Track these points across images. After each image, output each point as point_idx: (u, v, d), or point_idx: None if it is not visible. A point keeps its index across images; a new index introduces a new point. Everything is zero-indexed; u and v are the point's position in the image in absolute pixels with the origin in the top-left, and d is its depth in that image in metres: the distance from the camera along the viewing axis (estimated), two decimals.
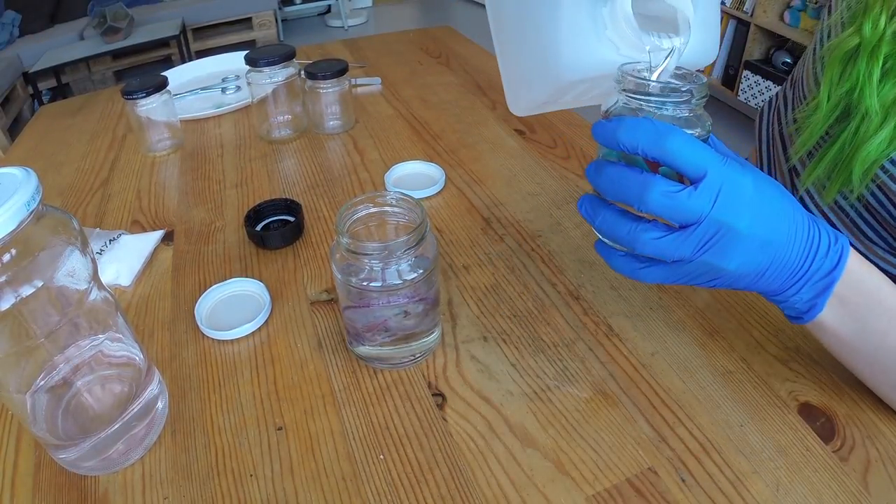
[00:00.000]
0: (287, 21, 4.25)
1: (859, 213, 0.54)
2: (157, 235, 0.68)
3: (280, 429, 0.46)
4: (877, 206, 0.51)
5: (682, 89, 0.36)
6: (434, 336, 0.51)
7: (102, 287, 0.42)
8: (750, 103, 2.46)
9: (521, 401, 0.47)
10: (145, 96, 0.82)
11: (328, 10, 4.41)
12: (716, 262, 0.36)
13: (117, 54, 3.15)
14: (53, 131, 0.99)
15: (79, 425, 0.43)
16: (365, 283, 0.45)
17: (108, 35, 2.98)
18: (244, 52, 0.86)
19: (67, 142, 0.94)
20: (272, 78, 0.84)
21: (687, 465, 0.42)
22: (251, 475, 0.43)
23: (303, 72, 0.87)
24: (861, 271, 0.39)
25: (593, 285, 0.57)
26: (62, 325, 0.38)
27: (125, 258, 0.64)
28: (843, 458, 0.41)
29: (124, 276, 0.62)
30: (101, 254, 0.63)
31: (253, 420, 0.47)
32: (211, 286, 0.58)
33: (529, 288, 0.57)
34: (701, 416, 0.45)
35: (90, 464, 0.43)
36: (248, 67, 0.84)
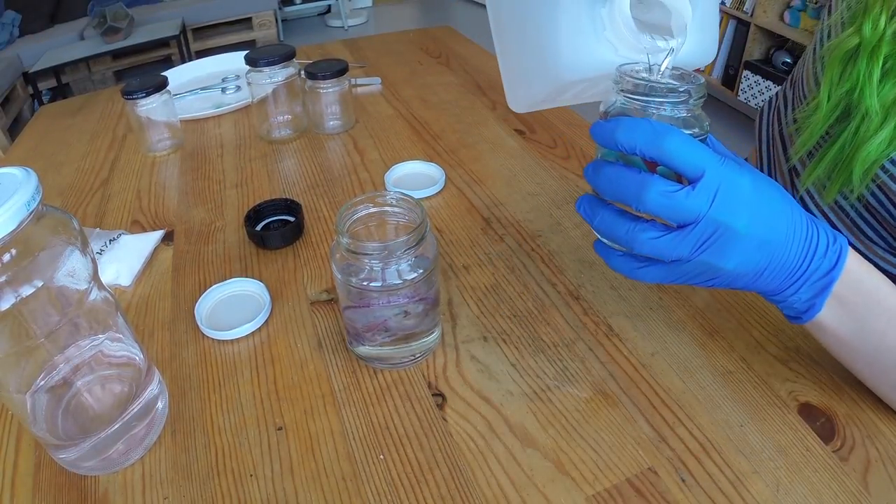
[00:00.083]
0: (287, 21, 4.25)
1: (859, 213, 0.54)
2: (157, 235, 0.68)
3: (280, 429, 0.46)
4: (877, 206, 0.51)
5: (680, 90, 0.36)
6: (434, 336, 0.51)
7: (102, 287, 0.42)
8: (750, 103, 2.46)
9: (521, 401, 0.47)
10: (145, 96, 0.82)
11: (328, 10, 4.41)
12: (714, 261, 0.36)
13: (117, 54, 3.15)
14: (53, 131, 0.99)
15: (79, 425, 0.43)
16: (365, 283, 0.45)
17: (108, 35, 2.98)
18: (244, 52, 0.86)
19: (67, 142, 0.94)
20: (272, 78, 0.84)
21: (687, 465, 0.42)
22: (251, 475, 0.43)
23: (303, 72, 0.87)
24: (860, 271, 0.39)
25: (593, 285, 0.57)
26: (62, 325, 0.38)
27: (125, 258, 0.64)
28: (843, 458, 0.41)
29: (124, 276, 0.62)
30: (101, 254, 0.63)
31: (253, 420, 0.47)
32: (211, 286, 0.58)
33: (529, 288, 0.58)
34: (701, 416, 0.45)
35: (90, 464, 0.43)
36: (248, 67, 0.84)
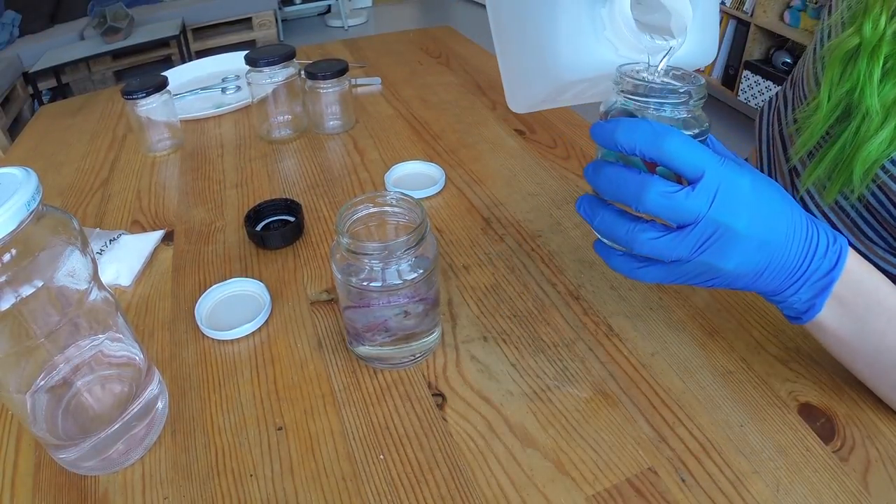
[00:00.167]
0: (287, 21, 4.25)
1: (860, 214, 0.54)
2: (157, 235, 0.68)
3: (280, 429, 0.46)
4: (877, 207, 0.51)
5: (681, 90, 0.36)
6: (434, 336, 0.51)
7: (102, 287, 0.42)
8: (750, 103, 2.46)
9: (521, 401, 0.47)
10: (145, 96, 0.82)
11: (328, 10, 4.41)
12: (714, 262, 0.36)
13: (117, 54, 3.15)
14: (53, 131, 0.99)
15: (79, 425, 0.43)
16: (365, 283, 0.45)
17: (108, 35, 2.98)
18: (244, 52, 0.86)
19: (67, 142, 0.94)
20: (272, 78, 0.84)
21: (687, 465, 0.42)
22: (251, 475, 0.43)
23: (303, 72, 0.87)
24: (860, 271, 0.39)
25: (593, 285, 0.57)
26: (62, 325, 0.38)
27: (125, 258, 0.64)
28: (843, 458, 0.41)
29: (124, 276, 0.62)
30: (101, 254, 0.63)
31: (253, 420, 0.47)
32: (211, 286, 0.58)
33: (529, 288, 0.57)
34: (701, 416, 0.45)
35: (90, 464, 0.43)
36: (248, 67, 0.84)
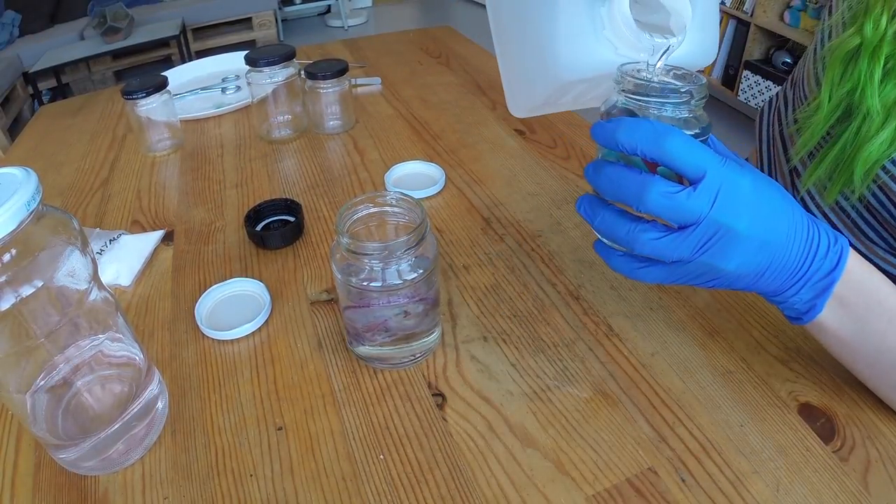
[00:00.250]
0: (287, 21, 4.25)
1: (860, 214, 0.54)
2: (157, 235, 0.68)
3: (280, 429, 0.46)
4: (878, 207, 0.51)
5: (682, 90, 0.36)
6: (434, 336, 0.51)
7: (102, 287, 0.42)
8: (750, 103, 2.46)
9: (521, 401, 0.47)
10: (145, 96, 0.82)
11: (328, 10, 4.41)
12: (715, 262, 0.36)
13: (117, 54, 3.15)
14: (53, 131, 0.99)
15: (79, 425, 0.43)
16: (365, 283, 0.45)
17: (108, 35, 2.98)
18: (244, 52, 0.86)
19: (67, 142, 0.94)
20: (272, 78, 0.84)
21: (687, 465, 0.42)
22: (251, 475, 0.43)
23: (303, 72, 0.87)
24: (861, 272, 0.39)
25: (593, 285, 0.57)
26: (62, 325, 0.38)
27: (125, 258, 0.64)
28: (843, 459, 0.41)
29: (124, 276, 0.62)
30: (101, 254, 0.63)
31: (253, 420, 0.47)
32: (211, 286, 0.58)
33: (529, 288, 0.57)
34: (701, 416, 0.45)
35: (90, 464, 0.43)
36: (248, 67, 0.84)
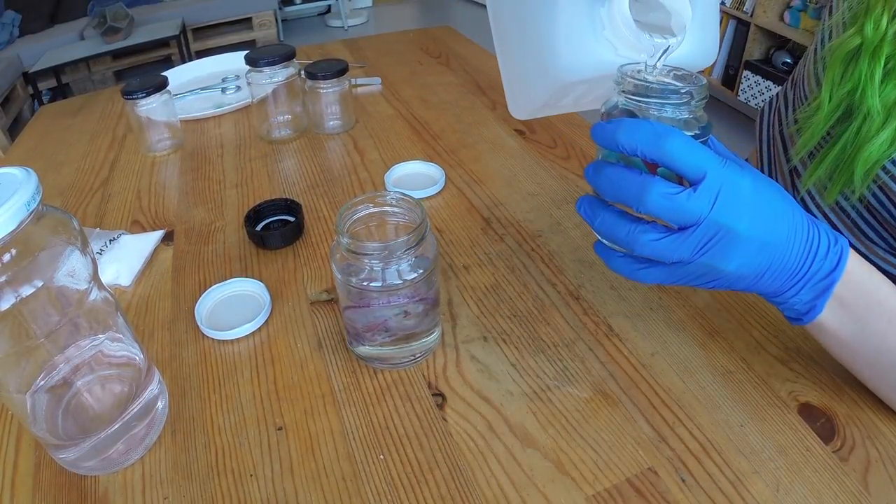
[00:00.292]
0: (287, 21, 4.25)
1: (860, 214, 0.54)
2: (157, 235, 0.68)
3: (280, 429, 0.46)
4: (878, 207, 0.51)
5: (682, 91, 0.35)
6: (434, 336, 0.51)
7: (102, 287, 0.42)
8: (750, 103, 2.46)
9: (521, 401, 0.47)
10: (145, 96, 0.82)
11: (328, 10, 4.41)
12: (715, 263, 0.36)
13: (117, 54, 3.15)
14: (53, 131, 0.99)
15: (79, 425, 0.43)
16: (365, 283, 0.45)
17: (108, 35, 2.98)
18: (244, 52, 0.86)
19: (67, 142, 0.94)
20: (272, 78, 0.84)
21: (687, 465, 0.42)
22: (251, 475, 0.43)
23: (303, 72, 0.87)
24: (861, 272, 0.39)
25: (593, 285, 0.57)
26: (62, 325, 0.38)
27: (125, 258, 0.64)
28: (843, 458, 0.41)
29: (124, 276, 0.62)
30: (101, 254, 0.63)
31: (253, 420, 0.47)
32: (211, 286, 0.58)
33: (529, 288, 0.57)
34: (701, 416, 0.45)
35: (90, 464, 0.43)
36: (248, 67, 0.84)
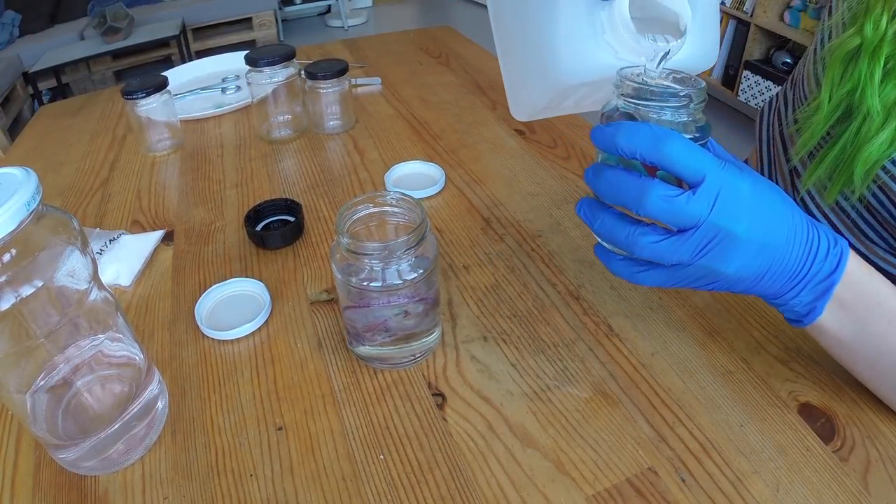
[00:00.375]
0: (287, 21, 4.25)
1: (860, 214, 0.54)
2: (157, 235, 0.68)
3: (280, 429, 0.46)
4: (878, 207, 0.51)
5: (681, 94, 0.35)
6: (434, 336, 0.51)
7: (102, 287, 0.42)
8: (750, 103, 2.46)
9: (521, 401, 0.47)
10: (145, 96, 0.82)
11: (328, 10, 4.41)
12: (714, 265, 0.36)
13: (117, 54, 3.15)
14: (53, 131, 0.99)
15: (79, 425, 0.43)
16: (365, 283, 0.45)
17: (108, 35, 2.98)
18: (244, 52, 0.86)
19: (67, 142, 0.94)
20: (272, 78, 0.84)
21: (687, 465, 0.42)
22: (251, 475, 0.43)
23: (303, 72, 0.87)
24: (860, 273, 0.39)
25: (593, 285, 0.57)
26: (62, 325, 0.38)
27: (125, 258, 0.64)
28: (843, 458, 0.41)
29: (124, 276, 0.62)
30: (101, 254, 0.63)
31: (253, 420, 0.47)
32: (211, 286, 0.58)
33: (529, 288, 0.57)
34: (701, 416, 0.45)
35: (90, 464, 0.43)
36: (248, 67, 0.84)
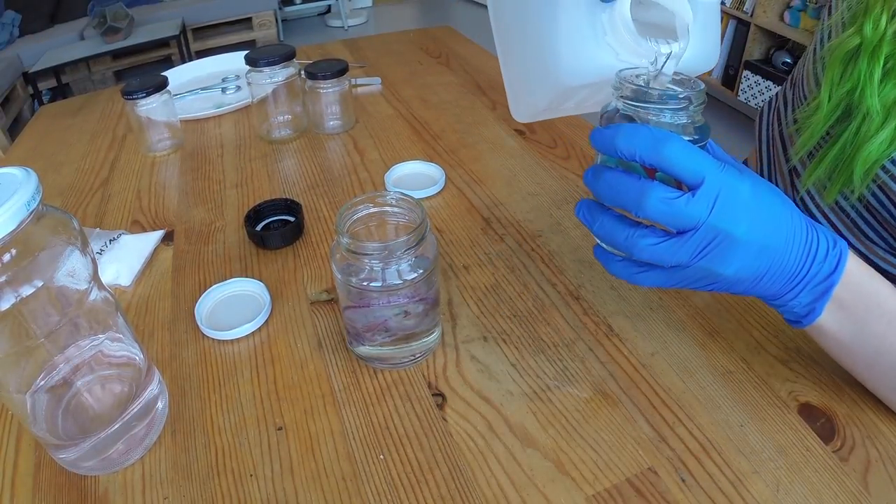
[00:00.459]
0: (287, 21, 4.25)
1: (860, 214, 0.54)
2: (157, 235, 0.68)
3: (280, 429, 0.46)
4: (877, 207, 0.51)
5: (680, 96, 0.35)
6: (434, 336, 0.51)
7: (102, 287, 0.42)
8: (750, 103, 2.46)
9: (521, 401, 0.47)
10: (145, 96, 0.82)
11: (328, 10, 4.41)
12: (713, 267, 0.36)
13: (117, 54, 3.15)
14: (53, 131, 0.99)
15: (79, 425, 0.43)
16: (365, 283, 0.45)
17: (108, 35, 2.98)
18: (244, 52, 0.86)
19: (67, 142, 0.94)
20: (272, 78, 0.84)
21: (687, 465, 0.42)
22: (251, 475, 0.43)
23: (303, 72, 0.87)
24: (860, 274, 0.39)
25: (593, 285, 0.57)
26: (62, 325, 0.38)
27: (125, 258, 0.64)
28: (843, 458, 0.41)
29: (124, 276, 0.62)
30: (101, 254, 0.63)
31: (253, 420, 0.47)
32: (211, 286, 0.58)
33: (529, 288, 0.57)
34: (701, 416, 0.45)
35: (90, 464, 0.43)
36: (248, 67, 0.84)
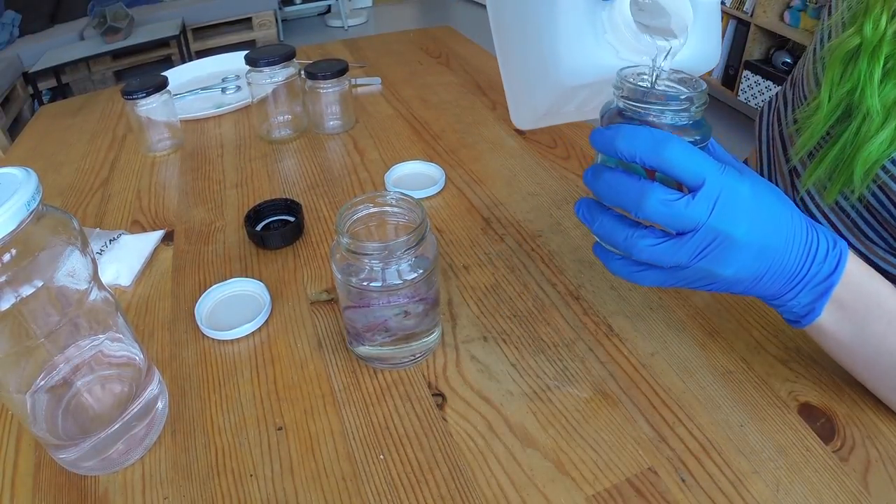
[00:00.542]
0: (287, 21, 4.25)
1: (860, 214, 0.54)
2: (157, 235, 0.68)
3: (280, 429, 0.46)
4: (878, 207, 0.51)
5: (682, 97, 0.35)
6: (434, 336, 0.51)
7: (102, 287, 0.42)
8: (750, 103, 2.46)
9: (521, 401, 0.47)
10: (145, 96, 0.82)
11: (328, 10, 4.41)
12: (712, 268, 0.36)
13: (117, 54, 3.15)
14: (53, 131, 0.99)
15: (79, 425, 0.43)
16: (365, 283, 0.45)
17: (108, 35, 2.98)
18: (244, 52, 0.86)
19: (67, 142, 0.94)
20: (272, 78, 0.84)
21: (687, 465, 0.42)
22: (251, 475, 0.43)
23: (303, 72, 0.87)
24: (860, 274, 0.39)
25: (593, 285, 0.57)
26: (62, 325, 0.38)
27: (125, 258, 0.64)
28: (843, 458, 0.41)
29: (124, 276, 0.62)
30: (101, 254, 0.63)
31: (253, 420, 0.47)
32: (211, 286, 0.58)
33: (529, 288, 0.57)
34: (701, 416, 0.45)
35: (90, 464, 0.43)
36: (248, 67, 0.84)
